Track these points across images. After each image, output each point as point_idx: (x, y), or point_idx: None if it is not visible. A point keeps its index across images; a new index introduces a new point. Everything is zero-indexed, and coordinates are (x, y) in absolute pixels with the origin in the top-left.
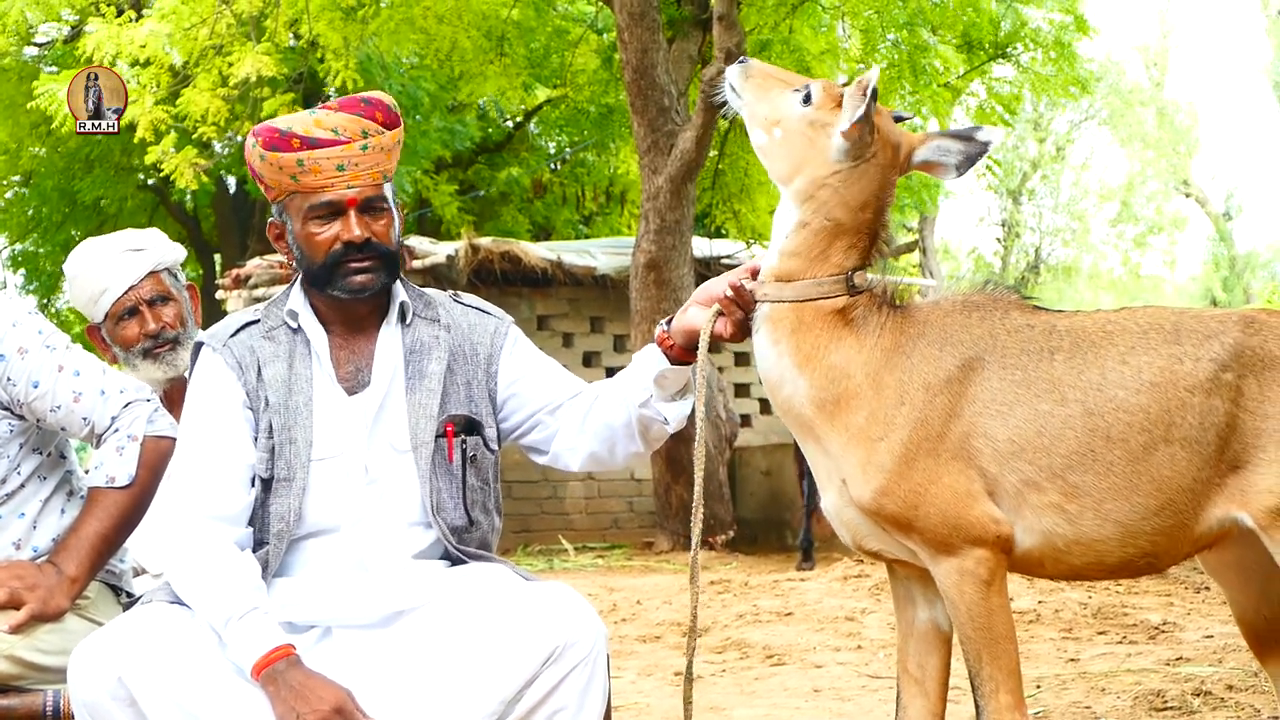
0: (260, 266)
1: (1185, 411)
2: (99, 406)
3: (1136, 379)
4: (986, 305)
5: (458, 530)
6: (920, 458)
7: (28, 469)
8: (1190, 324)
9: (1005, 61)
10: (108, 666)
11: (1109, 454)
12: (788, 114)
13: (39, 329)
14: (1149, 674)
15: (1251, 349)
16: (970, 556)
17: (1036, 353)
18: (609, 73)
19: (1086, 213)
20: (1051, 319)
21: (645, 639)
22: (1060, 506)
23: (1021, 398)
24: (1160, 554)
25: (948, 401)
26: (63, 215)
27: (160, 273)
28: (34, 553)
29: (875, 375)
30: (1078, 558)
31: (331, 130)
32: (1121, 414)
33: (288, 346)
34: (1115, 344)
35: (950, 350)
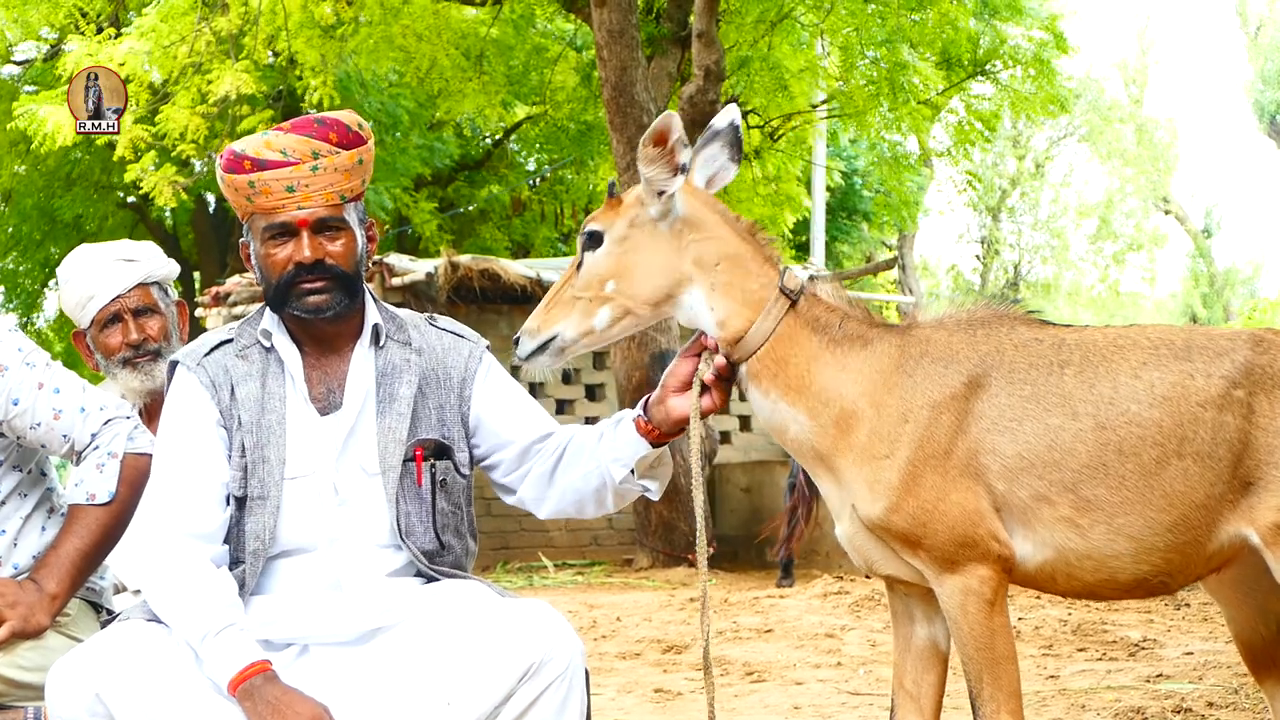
0: (239, 284)
1: (1197, 426)
2: (79, 424)
3: (1149, 393)
4: (992, 321)
5: (429, 554)
6: (927, 475)
7: (8, 486)
8: (1201, 341)
9: (984, 79)
10: (85, 684)
11: (1121, 468)
12: (600, 268)
13: (19, 346)
14: (1129, 691)
15: (1261, 367)
16: (975, 575)
17: (1045, 367)
18: (588, 90)
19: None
20: (1059, 333)
21: (625, 656)
22: (1072, 520)
23: (1031, 412)
24: (1174, 572)
25: (953, 419)
26: (42, 233)
27: (150, 285)
28: (14, 570)
29: (874, 394)
30: (1090, 574)
31: (280, 151)
32: (1134, 428)
33: (260, 366)
34: (1127, 358)
35: (956, 367)
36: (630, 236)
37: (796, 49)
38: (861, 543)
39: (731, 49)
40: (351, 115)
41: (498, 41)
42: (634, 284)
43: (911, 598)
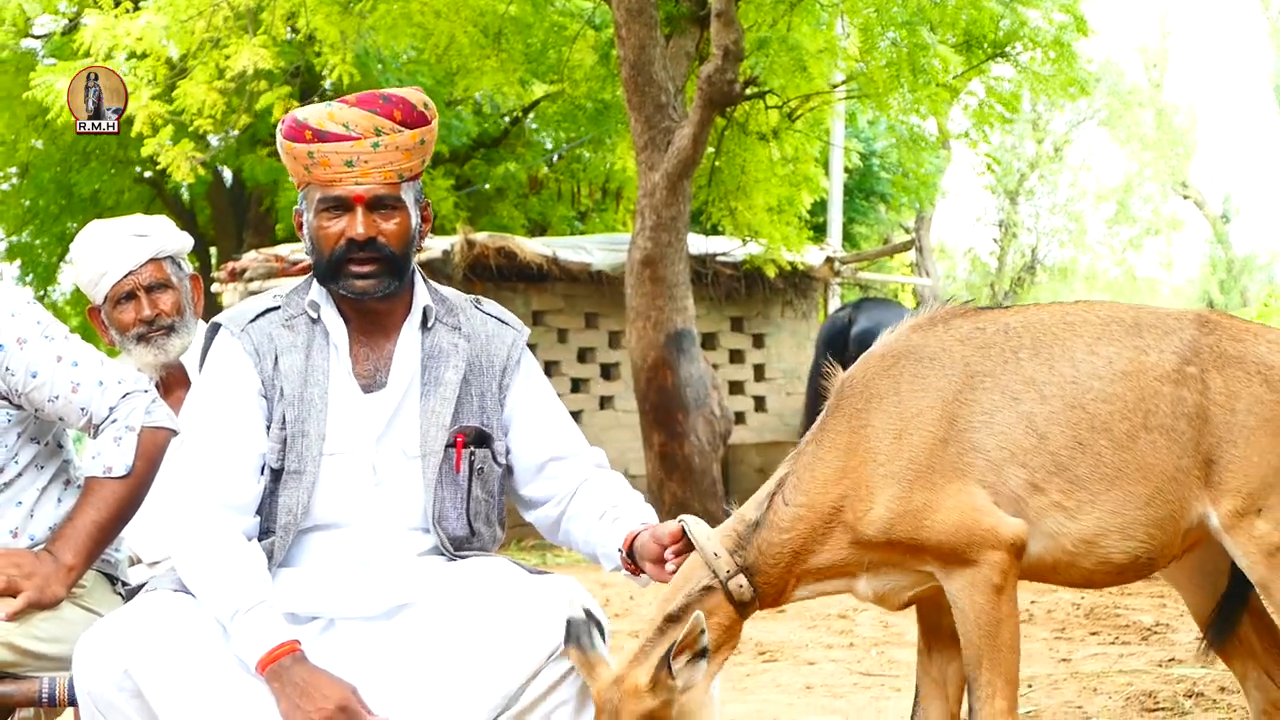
0: (256, 260)
1: (1158, 400)
2: (97, 397)
3: (1109, 368)
4: (928, 325)
5: (457, 540)
6: (915, 495)
7: (25, 458)
8: (1148, 319)
9: (1004, 61)
10: (113, 658)
11: (1096, 443)
12: None
13: (38, 319)
14: (1141, 675)
15: (1210, 346)
16: (985, 563)
17: (999, 356)
18: (606, 69)
19: (1084, 213)
20: (1001, 318)
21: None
22: (1060, 504)
23: (1000, 403)
24: (1157, 549)
25: (923, 437)
26: (59, 207)
27: (162, 260)
28: (31, 541)
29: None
30: (1086, 558)
31: (343, 125)
32: (1101, 403)
33: (306, 337)
34: (1079, 335)
35: (908, 389)
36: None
37: (816, 29)
38: (881, 589)
39: (750, 29)
40: (418, 94)
41: (516, 19)
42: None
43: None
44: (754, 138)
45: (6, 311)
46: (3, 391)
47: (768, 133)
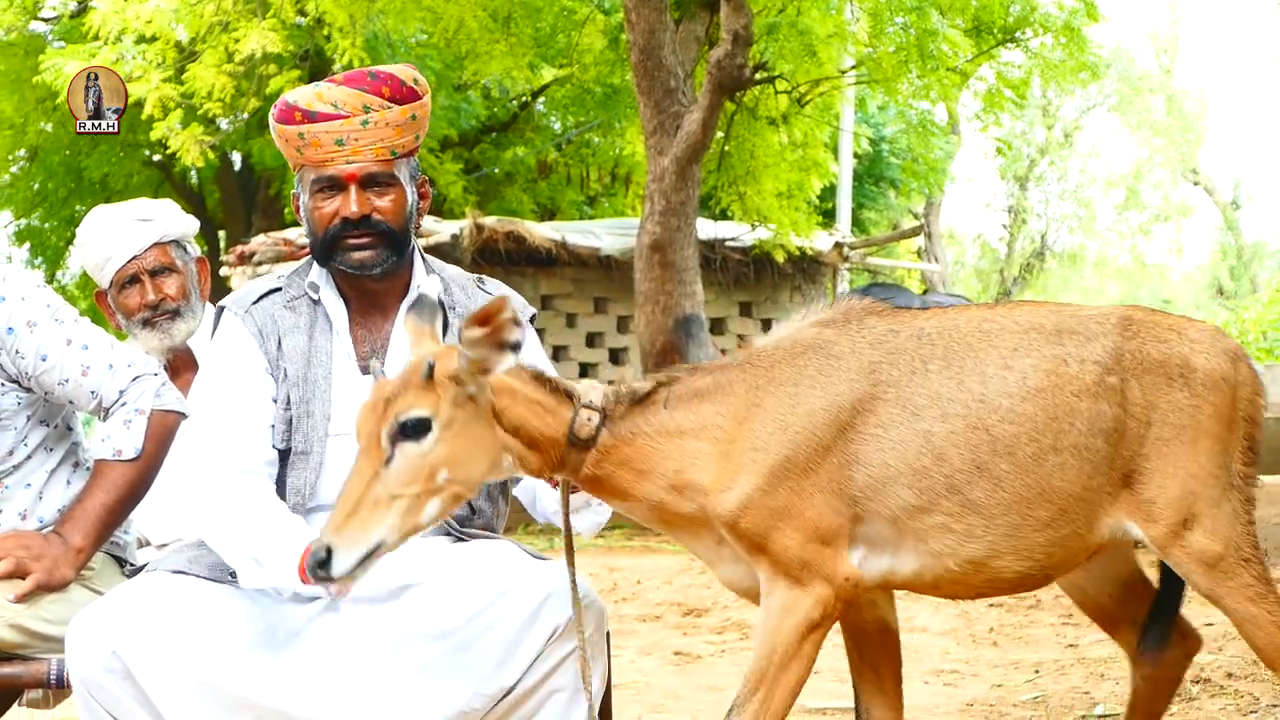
0: (264, 244)
1: (1074, 417)
2: (107, 380)
3: (1022, 385)
4: (839, 322)
5: (460, 518)
6: (781, 488)
7: (34, 440)
8: (1071, 324)
9: (1014, 46)
10: (101, 641)
11: (997, 467)
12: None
13: (47, 302)
14: None
15: (1131, 352)
16: (812, 593)
17: (908, 366)
18: (615, 53)
19: (1093, 200)
20: (917, 322)
21: (645, 619)
22: (948, 527)
23: (896, 418)
24: (1056, 565)
25: (814, 436)
26: (68, 190)
27: (167, 244)
28: (40, 523)
29: (717, 437)
30: (973, 577)
31: (331, 104)
32: (1008, 424)
33: (308, 318)
34: (995, 347)
35: (808, 384)
36: (456, 418)
37: (825, 14)
38: (726, 572)
39: (760, 13)
40: (407, 70)
41: (525, 3)
42: (468, 468)
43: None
44: (763, 123)
45: (16, 295)
46: (13, 375)
47: (777, 118)
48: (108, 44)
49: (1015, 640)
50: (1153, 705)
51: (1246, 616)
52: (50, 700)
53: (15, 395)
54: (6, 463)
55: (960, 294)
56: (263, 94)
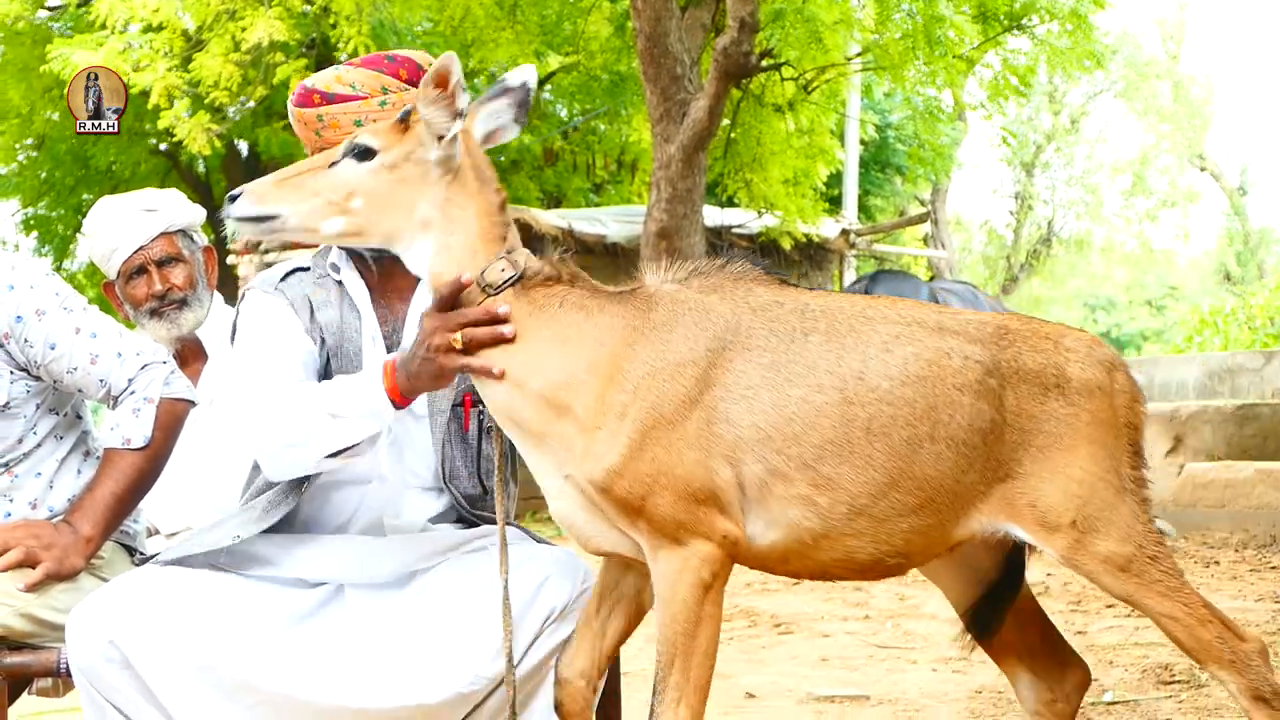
0: None
1: (954, 410)
2: (115, 368)
3: (903, 370)
4: (727, 283)
5: (471, 499)
6: (653, 443)
7: (44, 429)
8: (953, 324)
9: (1021, 33)
10: (100, 630)
11: (868, 447)
12: (355, 181)
13: (56, 291)
14: (1156, 647)
15: (1006, 361)
16: (696, 554)
17: (788, 334)
18: (622, 40)
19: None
20: (802, 297)
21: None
22: (809, 499)
23: (770, 381)
24: (913, 553)
25: (683, 387)
26: (75, 179)
27: (173, 234)
28: (50, 512)
29: (596, 364)
30: (826, 553)
31: (349, 85)
32: (885, 406)
33: (336, 295)
34: (877, 331)
35: (682, 333)
36: (401, 168)
37: (831, 1)
38: (577, 519)
39: (766, 0)
40: (423, 55)
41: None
42: (381, 213)
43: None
44: (769, 110)
45: (25, 283)
46: (22, 363)
47: (783, 105)
48: (114, 33)
49: None
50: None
51: (1164, 613)
52: (60, 688)
53: (24, 383)
54: (16, 451)
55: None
56: (269, 82)
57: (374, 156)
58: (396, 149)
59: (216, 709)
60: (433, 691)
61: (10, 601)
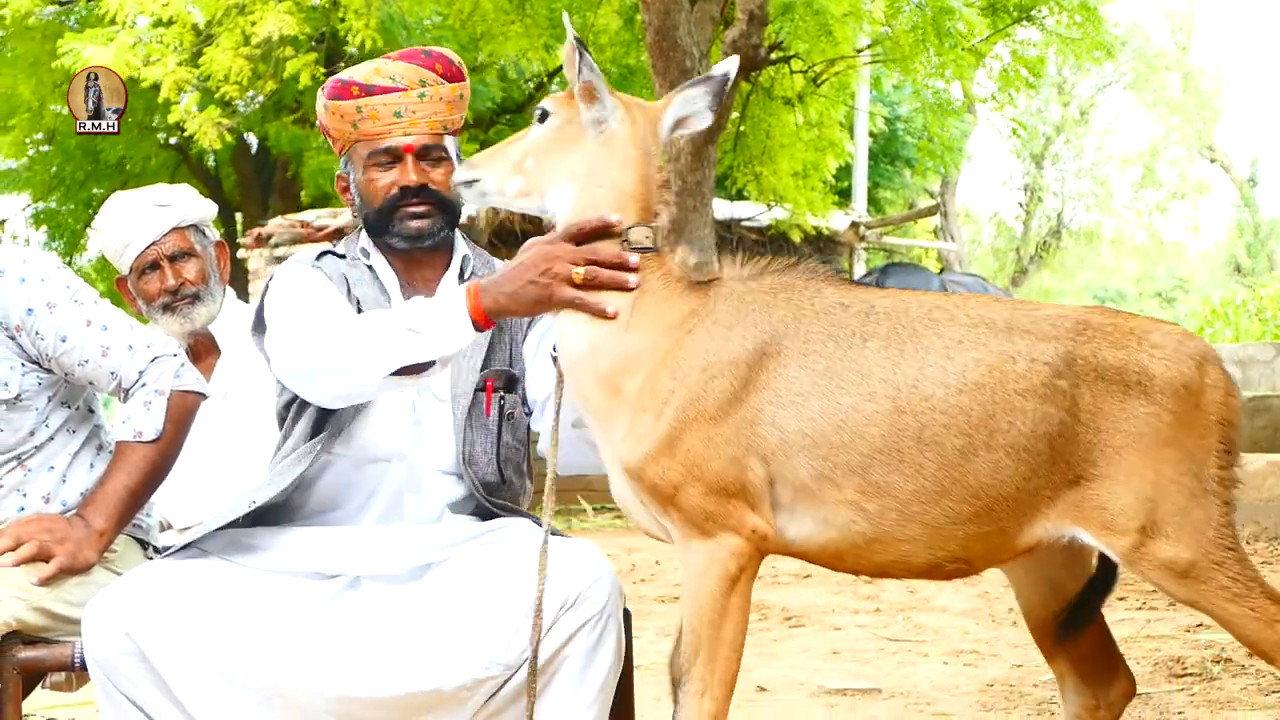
0: (281, 226)
1: (1014, 416)
2: (126, 361)
3: (960, 378)
4: (795, 284)
5: (489, 485)
6: (690, 436)
7: (56, 422)
8: (1024, 323)
9: (1030, 24)
10: (115, 623)
11: (919, 456)
12: (530, 143)
13: (67, 284)
14: (1169, 640)
15: (1084, 358)
16: (725, 546)
17: (846, 339)
18: (631, 34)
19: (1109, 177)
20: (870, 298)
21: (664, 599)
22: (858, 504)
23: (821, 388)
24: (975, 559)
25: (731, 385)
26: (85, 174)
27: (185, 229)
28: (63, 506)
29: (655, 348)
30: (880, 555)
31: (389, 78)
32: (937, 414)
33: (370, 278)
34: (941, 335)
35: (741, 331)
36: (563, 128)
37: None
38: (625, 497)
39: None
40: (453, 52)
41: None
42: (542, 170)
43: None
44: (779, 102)
45: (36, 276)
46: (33, 356)
47: (792, 97)
48: (124, 27)
49: None
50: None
51: (1228, 618)
52: (73, 683)
53: (36, 376)
54: (28, 444)
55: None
56: (279, 76)
57: (546, 118)
58: (564, 111)
59: (232, 700)
60: (449, 677)
61: (23, 595)
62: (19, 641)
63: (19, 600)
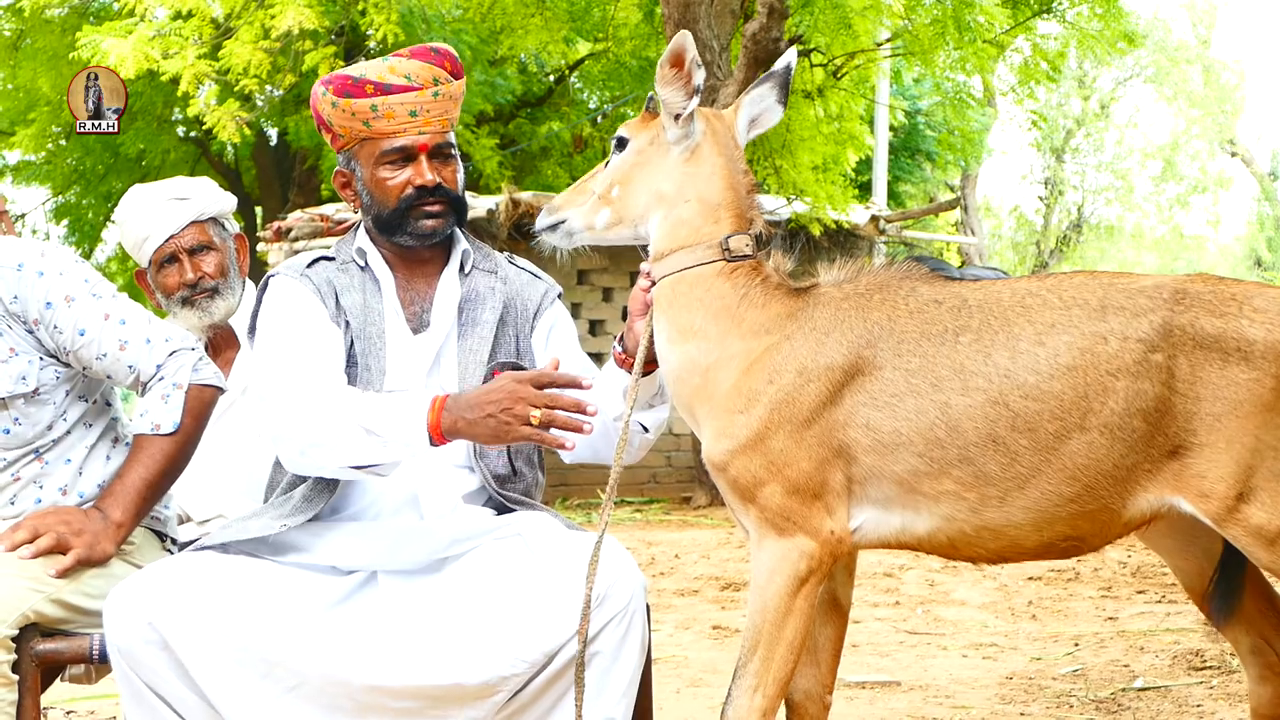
0: (301, 219)
1: (1107, 397)
2: (145, 354)
3: (1052, 363)
4: (890, 284)
5: (500, 478)
6: (777, 437)
7: (74, 415)
8: (1118, 299)
9: (1050, 17)
10: (138, 613)
11: (1015, 444)
12: (613, 172)
13: (85, 277)
14: (1188, 633)
15: (1181, 327)
16: (797, 547)
17: (939, 336)
18: (650, 26)
19: (1130, 171)
20: (963, 293)
21: (683, 593)
22: (958, 495)
23: (916, 388)
24: (1085, 536)
25: (822, 389)
26: (105, 167)
27: (205, 222)
28: (80, 499)
29: (750, 351)
30: (990, 542)
31: (405, 76)
32: (1030, 401)
33: (360, 280)
34: (1032, 321)
35: (838, 338)
36: (645, 152)
37: None
38: (728, 496)
39: None
40: (450, 48)
41: None
42: (631, 196)
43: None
44: (798, 96)
45: (55, 270)
46: (51, 349)
47: (813, 91)
48: (142, 20)
49: (1054, 613)
50: (1274, 710)
51: None
52: (92, 675)
53: (54, 370)
54: (46, 437)
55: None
56: (298, 70)
57: (624, 146)
58: (643, 135)
59: (252, 690)
60: (471, 673)
61: (42, 587)
62: (37, 634)
63: (37, 593)
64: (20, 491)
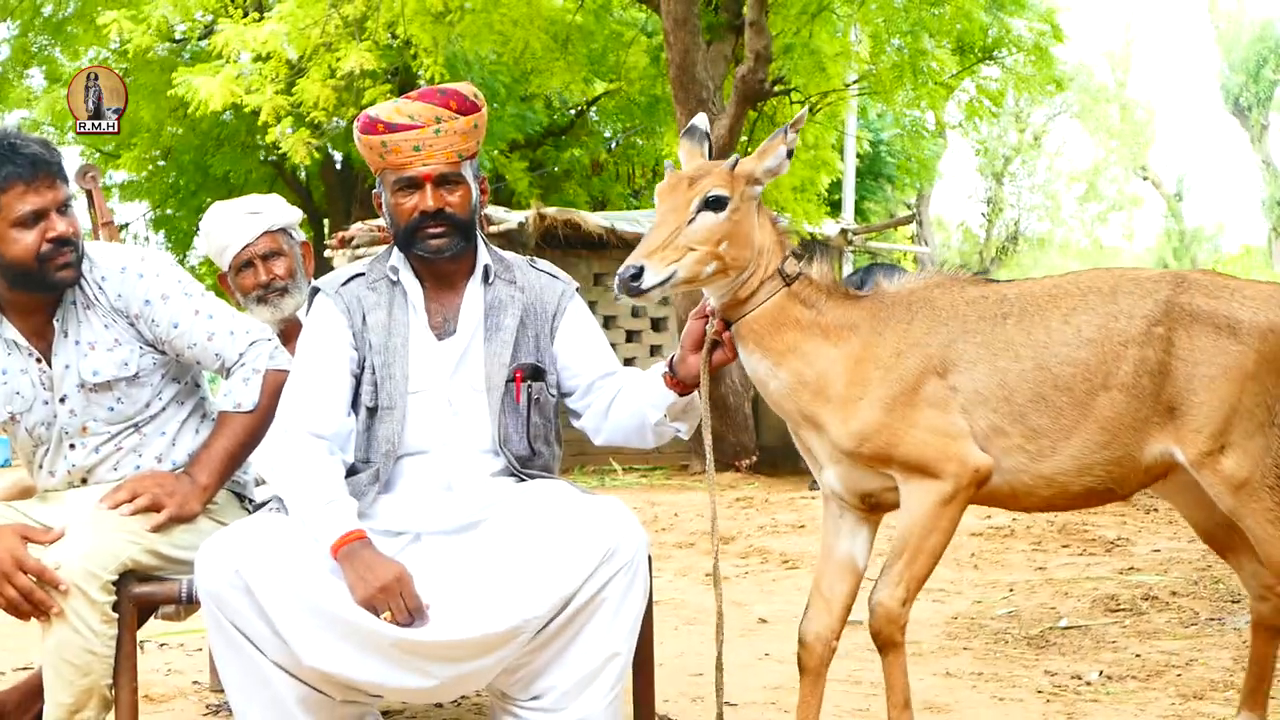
0: (362, 230)
1: (1120, 362)
2: (228, 344)
3: (1077, 336)
4: (948, 284)
5: (522, 459)
6: (897, 408)
7: (168, 395)
8: (1127, 286)
9: (992, 63)
10: (226, 561)
11: (1058, 400)
12: (718, 229)
13: (179, 279)
14: (1105, 581)
15: (1180, 305)
16: (947, 478)
17: (992, 319)
18: (656, 69)
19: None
20: (1001, 289)
21: (681, 545)
22: (1022, 447)
23: (983, 356)
24: (1116, 482)
25: (919, 362)
26: (196, 185)
27: (275, 232)
28: (173, 465)
29: (851, 352)
30: (1044, 489)
31: (408, 117)
32: (1066, 366)
33: (388, 296)
34: (1059, 306)
35: (920, 323)
36: (741, 208)
37: (833, 36)
38: (849, 478)
39: (778, 36)
40: (469, 87)
41: (581, 27)
42: (738, 249)
43: (844, 515)
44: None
45: (153, 272)
46: (149, 340)
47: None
48: (229, 61)
49: (993, 564)
50: (1275, 620)
51: (1264, 536)
52: (181, 614)
53: (151, 357)
54: (144, 414)
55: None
56: (360, 104)
57: (726, 204)
58: (737, 195)
59: (319, 632)
60: (504, 619)
61: (139, 540)
62: (134, 579)
63: (135, 544)
64: (122, 459)
